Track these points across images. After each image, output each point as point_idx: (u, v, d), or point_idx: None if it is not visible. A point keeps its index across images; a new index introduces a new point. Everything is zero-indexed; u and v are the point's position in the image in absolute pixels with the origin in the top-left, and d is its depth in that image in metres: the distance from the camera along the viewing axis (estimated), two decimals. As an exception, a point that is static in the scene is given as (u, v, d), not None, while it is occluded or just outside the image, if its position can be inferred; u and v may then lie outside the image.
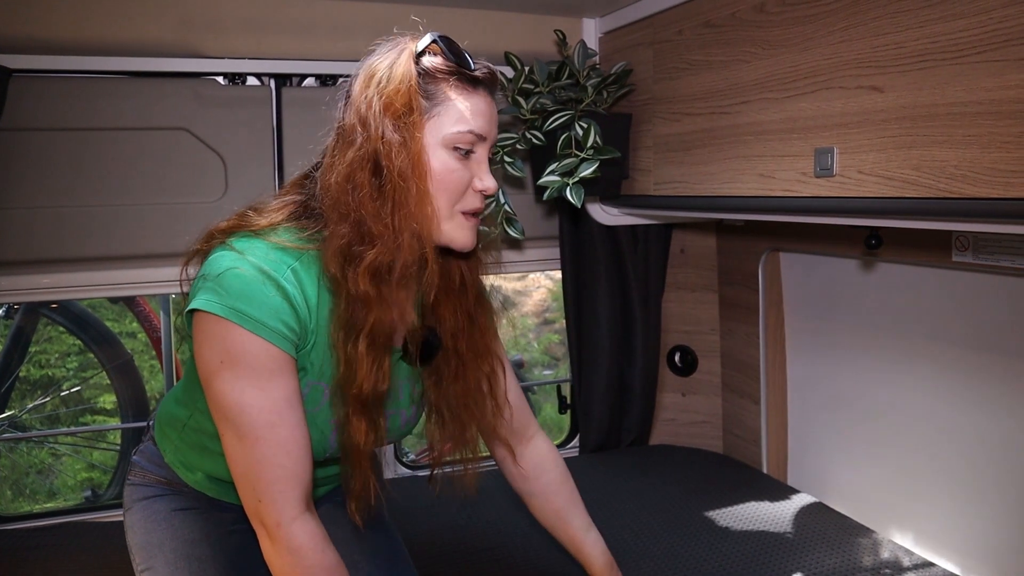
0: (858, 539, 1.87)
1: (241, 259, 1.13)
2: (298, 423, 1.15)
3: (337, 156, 1.16)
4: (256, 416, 1.11)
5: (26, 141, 1.91)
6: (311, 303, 1.17)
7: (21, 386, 3.56)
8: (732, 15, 1.69)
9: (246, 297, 1.10)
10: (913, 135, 1.28)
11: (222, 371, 1.11)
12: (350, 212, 1.14)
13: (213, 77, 2.05)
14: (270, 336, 1.11)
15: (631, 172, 2.10)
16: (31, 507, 3.56)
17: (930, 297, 1.87)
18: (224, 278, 1.11)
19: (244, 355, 1.11)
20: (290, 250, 1.17)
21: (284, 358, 1.14)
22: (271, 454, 1.12)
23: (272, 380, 1.12)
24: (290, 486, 1.14)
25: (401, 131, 1.12)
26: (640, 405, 2.53)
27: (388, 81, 1.13)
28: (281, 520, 1.13)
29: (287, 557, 1.14)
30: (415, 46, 1.19)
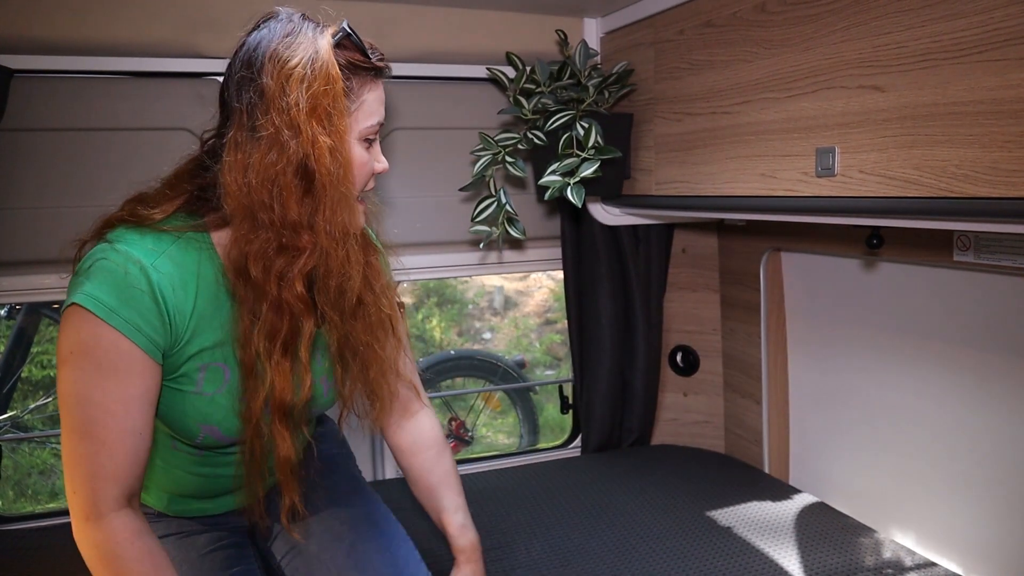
0: (860, 539, 1.87)
1: (111, 250, 1.11)
2: (130, 430, 1.11)
3: (252, 156, 1.10)
4: (89, 411, 1.09)
5: (28, 141, 1.91)
6: (188, 296, 1.15)
7: (23, 387, 3.57)
8: (733, 15, 1.69)
9: (107, 286, 1.08)
10: (914, 135, 1.28)
11: (70, 360, 1.09)
12: (274, 218, 1.11)
13: (214, 77, 2.05)
14: (129, 332, 1.09)
15: (632, 172, 2.10)
16: (33, 507, 3.56)
17: (931, 297, 1.87)
18: (92, 270, 1.09)
19: (94, 348, 1.08)
20: (168, 234, 1.15)
21: (138, 357, 1.10)
22: (94, 451, 1.10)
23: (116, 378, 1.09)
24: (107, 485, 1.11)
25: (330, 133, 1.11)
26: (642, 405, 2.53)
27: (314, 80, 1.09)
28: (91, 515, 1.12)
29: (95, 549, 1.13)
30: (330, 39, 1.14)
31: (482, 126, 2.15)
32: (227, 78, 1.16)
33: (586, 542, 1.89)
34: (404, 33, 2.09)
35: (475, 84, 2.23)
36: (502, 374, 3.96)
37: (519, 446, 4.02)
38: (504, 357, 4.16)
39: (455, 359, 3.97)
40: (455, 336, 5.05)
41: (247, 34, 1.16)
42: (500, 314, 5.35)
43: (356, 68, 1.15)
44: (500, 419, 4.35)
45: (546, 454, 2.63)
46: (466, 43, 2.14)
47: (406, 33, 2.09)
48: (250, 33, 1.15)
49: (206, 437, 1.25)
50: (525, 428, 4.01)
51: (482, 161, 1.97)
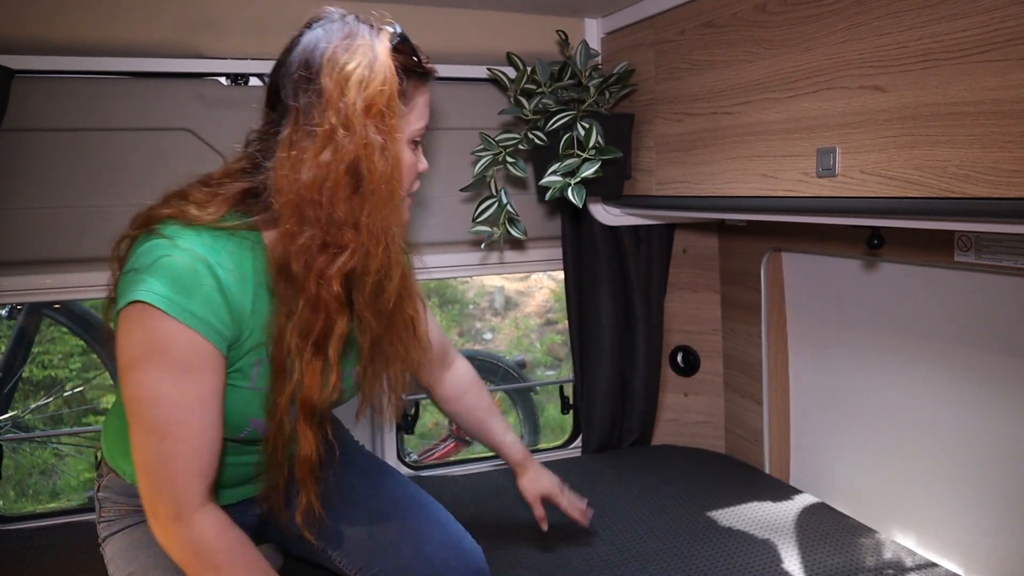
0: (860, 539, 1.87)
1: (173, 247, 1.11)
2: (209, 423, 1.13)
3: (306, 153, 1.12)
4: (168, 411, 1.10)
5: (29, 142, 1.91)
6: (247, 292, 1.17)
7: (24, 387, 3.57)
8: (734, 15, 1.69)
9: (179, 286, 1.08)
10: (915, 135, 1.28)
11: (142, 362, 1.09)
12: (321, 214, 1.12)
13: (216, 78, 2.05)
14: (203, 329, 1.10)
15: (633, 172, 2.10)
16: (34, 507, 3.56)
17: (932, 297, 1.87)
18: (156, 267, 1.09)
19: (169, 347, 1.08)
20: (224, 232, 1.17)
21: (211, 353, 1.12)
22: (177, 451, 1.11)
23: (191, 375, 1.11)
24: (191, 483, 1.12)
25: (383, 133, 1.13)
26: (642, 405, 2.53)
27: (370, 82, 1.12)
28: (181, 513, 1.12)
29: (187, 546, 1.14)
30: (387, 43, 1.17)
31: (483, 126, 2.15)
32: (280, 77, 1.18)
33: (586, 542, 1.89)
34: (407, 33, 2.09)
35: (476, 84, 2.23)
36: (503, 374, 3.96)
37: (520, 446, 4.02)
38: (505, 357, 4.16)
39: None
40: (456, 336, 5.05)
41: (299, 34, 1.19)
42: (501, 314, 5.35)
43: (409, 72, 1.19)
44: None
45: (547, 454, 2.63)
46: (467, 43, 2.14)
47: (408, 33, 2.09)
48: (302, 33, 1.18)
49: (252, 431, 1.28)
50: (526, 428, 4.01)
51: (483, 161, 1.97)
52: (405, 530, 1.48)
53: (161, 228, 1.14)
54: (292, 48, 1.18)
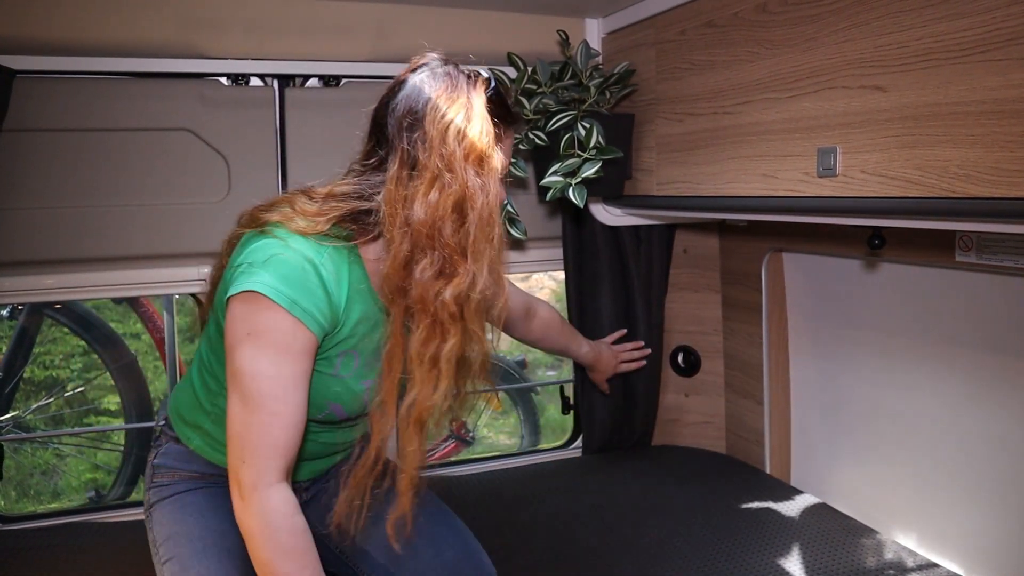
0: (861, 540, 1.87)
1: (286, 247, 1.26)
2: (298, 404, 1.25)
3: (414, 191, 1.26)
4: (264, 385, 1.21)
5: (30, 142, 1.91)
6: (343, 293, 1.31)
7: (25, 387, 3.57)
8: (735, 15, 1.69)
9: (288, 280, 1.23)
10: (916, 135, 1.28)
11: (247, 342, 1.22)
12: (434, 245, 1.27)
13: (216, 78, 2.06)
14: (303, 316, 1.23)
15: (634, 172, 2.10)
16: (35, 507, 3.57)
17: (933, 297, 1.87)
18: (270, 263, 1.24)
19: (271, 331, 1.22)
20: (326, 237, 1.30)
21: (308, 340, 1.25)
22: (267, 423, 1.21)
23: (288, 357, 1.23)
24: (275, 455, 1.22)
25: (482, 177, 1.28)
26: (643, 406, 2.53)
27: (468, 131, 1.27)
28: (258, 484, 1.21)
29: (259, 519, 1.21)
30: (483, 94, 1.32)
31: (483, 126, 2.15)
32: (387, 115, 1.32)
33: (587, 543, 1.89)
34: (405, 34, 2.10)
35: (476, 85, 2.23)
36: (503, 374, 3.96)
37: (520, 447, 4.02)
38: (505, 357, 4.15)
39: (457, 360, 3.96)
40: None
41: (403, 78, 1.34)
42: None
43: (499, 119, 1.33)
44: (501, 419, 4.35)
45: (547, 455, 2.63)
46: (467, 43, 2.14)
47: (407, 34, 2.10)
48: (407, 77, 1.33)
49: (329, 414, 1.41)
50: (526, 428, 4.01)
51: (483, 161, 1.97)
52: (425, 533, 1.53)
53: (272, 230, 1.29)
54: (397, 90, 1.33)
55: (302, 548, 1.24)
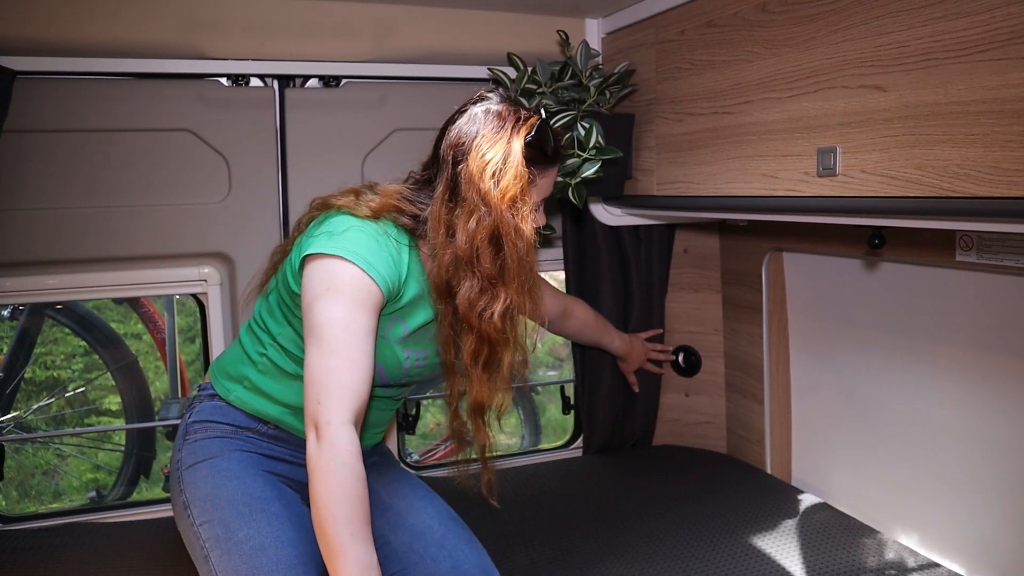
0: (862, 539, 1.87)
1: (363, 223, 1.44)
2: (367, 352, 1.36)
3: (457, 217, 1.43)
4: (339, 332, 1.33)
5: (31, 143, 1.92)
6: (403, 267, 1.48)
7: (26, 387, 3.57)
8: (735, 15, 1.69)
9: (364, 246, 1.39)
10: (916, 134, 1.28)
11: (325, 296, 1.36)
12: (474, 268, 1.43)
13: (217, 78, 2.06)
14: (376, 275, 1.38)
15: (634, 172, 2.10)
16: (36, 508, 3.57)
17: (934, 297, 1.87)
18: (348, 233, 1.41)
19: (347, 286, 1.36)
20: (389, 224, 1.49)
21: (378, 297, 1.40)
22: (340, 365, 1.32)
23: (362, 310, 1.37)
24: (348, 396, 1.31)
25: (517, 216, 1.42)
26: (644, 406, 2.53)
27: (504, 173, 1.41)
28: (332, 420, 1.29)
29: (328, 451, 1.28)
30: (523, 140, 1.45)
31: (484, 126, 2.15)
32: (443, 139, 1.51)
33: (588, 543, 1.89)
34: (406, 34, 2.10)
35: (477, 85, 2.22)
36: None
37: (521, 446, 4.01)
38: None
39: (457, 360, 3.96)
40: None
41: (465, 106, 1.51)
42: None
43: (538, 162, 1.48)
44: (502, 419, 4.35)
45: (548, 454, 2.63)
46: (467, 44, 2.15)
47: (408, 34, 2.10)
48: (467, 107, 1.50)
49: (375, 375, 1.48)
50: (527, 428, 4.01)
51: (484, 162, 1.97)
52: (445, 547, 1.58)
53: (345, 210, 1.47)
54: (456, 117, 1.50)
55: (358, 494, 1.28)
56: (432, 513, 1.66)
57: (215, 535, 1.42)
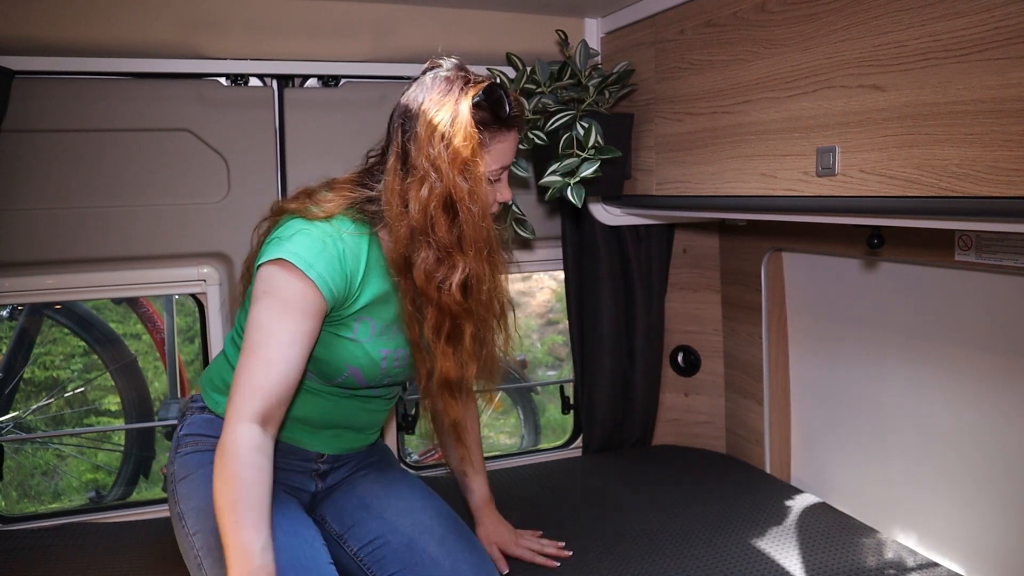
0: (862, 539, 1.87)
1: (311, 225, 1.41)
2: (291, 358, 1.34)
3: (408, 187, 1.40)
4: (261, 335, 1.33)
5: (29, 143, 1.91)
6: (360, 267, 1.45)
7: (25, 387, 3.57)
8: (734, 14, 1.69)
9: (307, 248, 1.37)
10: (915, 134, 1.28)
11: (260, 299, 1.36)
12: (430, 240, 1.39)
13: (216, 78, 2.06)
14: (317, 279, 1.36)
15: (633, 172, 2.10)
16: (35, 508, 3.57)
17: (933, 296, 1.87)
18: (295, 237, 1.38)
19: (284, 290, 1.35)
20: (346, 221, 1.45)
21: (317, 302, 1.37)
22: (254, 366, 1.32)
23: (292, 315, 1.35)
24: (255, 395, 1.30)
25: (469, 179, 1.38)
26: (643, 405, 2.53)
27: (453, 135, 1.37)
28: (232, 417, 1.29)
29: (221, 446, 1.28)
30: (470, 101, 1.39)
31: (483, 126, 2.15)
32: (394, 111, 1.46)
33: (587, 542, 1.89)
34: (404, 34, 2.10)
35: (476, 84, 2.23)
36: (503, 374, 3.95)
37: (521, 446, 4.02)
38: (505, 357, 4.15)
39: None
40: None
41: (417, 77, 1.47)
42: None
43: (487, 125, 1.42)
44: (502, 419, 4.35)
45: (548, 454, 2.63)
46: (466, 43, 2.14)
47: (406, 34, 2.10)
48: (418, 77, 1.46)
49: (348, 378, 1.53)
50: (527, 428, 4.01)
51: (484, 162, 1.97)
52: (445, 545, 1.57)
53: (296, 215, 1.44)
54: (407, 89, 1.46)
55: (246, 483, 1.26)
56: (431, 513, 1.65)
57: (207, 544, 1.43)
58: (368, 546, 1.60)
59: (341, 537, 1.64)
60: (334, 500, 1.70)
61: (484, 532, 1.84)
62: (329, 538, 1.63)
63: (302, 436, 1.64)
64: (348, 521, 1.65)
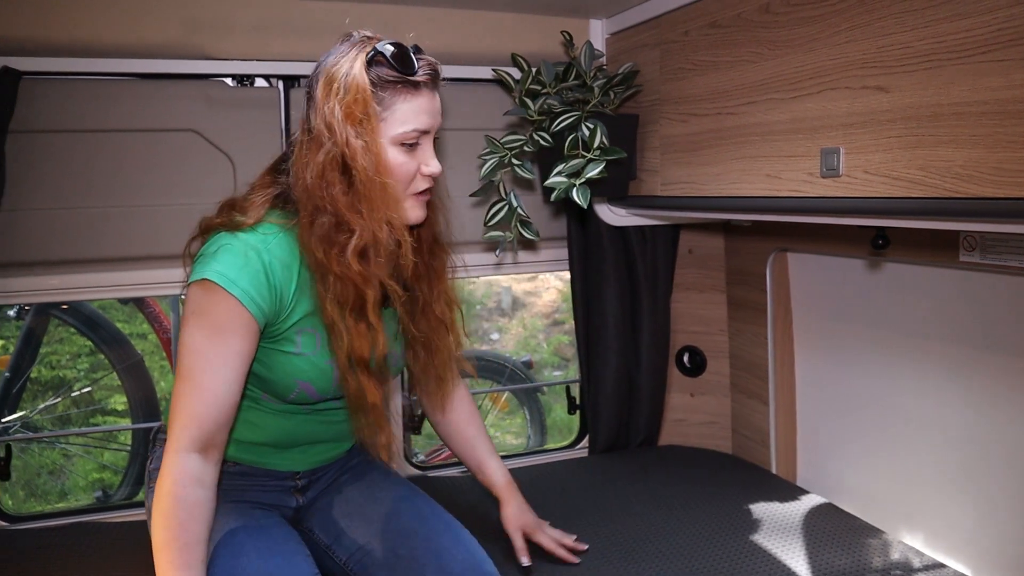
0: (868, 540, 1.87)
1: (234, 238, 1.35)
2: (225, 380, 1.31)
3: (308, 155, 1.35)
4: (193, 359, 1.30)
5: (36, 143, 1.92)
6: (292, 276, 1.38)
7: (32, 387, 3.59)
8: (738, 16, 1.69)
9: (231, 264, 1.31)
10: (919, 135, 1.28)
11: (191, 320, 1.31)
12: (327, 205, 1.34)
13: (222, 79, 2.06)
14: (242, 296, 1.30)
15: (638, 173, 2.10)
16: (43, 507, 3.58)
17: (938, 297, 1.86)
18: (217, 253, 1.32)
19: (211, 310, 1.30)
20: (274, 227, 1.39)
21: (246, 320, 1.32)
22: (188, 393, 1.29)
23: (223, 336, 1.31)
24: (191, 424, 1.28)
25: (362, 136, 1.32)
26: (649, 406, 2.53)
27: (345, 91, 1.32)
28: (170, 448, 1.28)
29: (160, 479, 1.27)
30: (364, 58, 1.35)
31: (488, 127, 2.15)
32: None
33: (593, 542, 1.89)
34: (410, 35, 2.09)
35: (481, 85, 2.24)
36: (509, 375, 3.97)
37: (527, 446, 4.03)
38: (511, 358, 4.16)
39: (463, 359, 3.97)
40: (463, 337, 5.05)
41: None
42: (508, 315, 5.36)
43: (387, 82, 1.35)
44: (508, 419, 4.36)
45: (554, 454, 2.63)
46: (471, 44, 2.15)
47: (412, 35, 2.09)
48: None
49: (300, 393, 1.46)
50: (533, 428, 4.02)
51: (489, 164, 1.97)
52: (431, 547, 1.53)
53: (221, 229, 1.38)
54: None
55: (183, 519, 1.25)
56: (413, 515, 1.60)
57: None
58: (355, 555, 1.57)
59: (329, 548, 1.60)
60: (319, 509, 1.67)
61: (510, 514, 1.78)
62: (317, 549, 1.60)
63: (271, 458, 1.60)
64: (334, 531, 1.62)
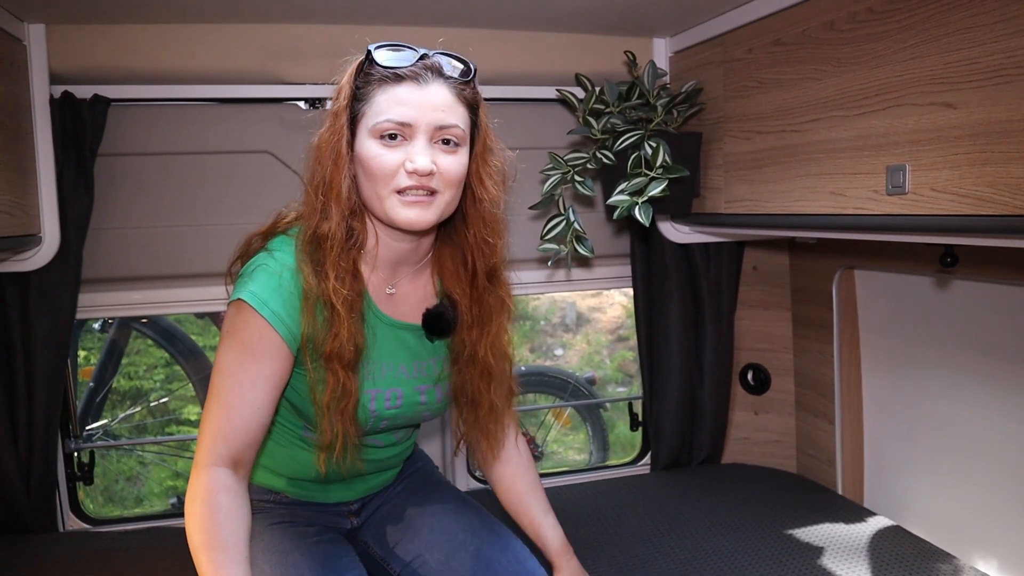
0: (938, 564, 1.83)
1: (270, 257, 1.35)
2: (252, 401, 1.29)
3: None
4: (222, 378, 1.29)
5: (122, 166, 2.03)
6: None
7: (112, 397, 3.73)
8: (802, 33, 1.69)
9: (265, 287, 1.31)
10: (987, 152, 1.27)
11: (224, 340, 1.32)
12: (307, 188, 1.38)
13: (295, 102, 2.14)
14: (274, 322, 1.29)
15: (702, 190, 2.10)
16: (121, 512, 3.71)
17: (1009, 315, 1.82)
18: (254, 273, 1.33)
19: (243, 331, 1.30)
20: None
21: (276, 343, 1.31)
22: (216, 410, 1.28)
23: (253, 357, 1.30)
24: (218, 440, 1.27)
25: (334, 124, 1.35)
26: (712, 423, 2.52)
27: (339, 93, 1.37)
28: (198, 463, 1.26)
29: (190, 490, 1.25)
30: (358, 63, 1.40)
31: (552, 146, 2.18)
32: None
33: (654, 560, 1.89)
34: (477, 56, 2.12)
35: (545, 105, 2.27)
36: (572, 390, 3.97)
37: (589, 462, 4.02)
38: (575, 374, 4.17)
39: (526, 375, 4.00)
40: (527, 352, 5.07)
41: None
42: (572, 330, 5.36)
43: (370, 78, 1.36)
44: (571, 435, 4.36)
45: (616, 471, 2.63)
46: (536, 65, 2.18)
47: (479, 56, 2.12)
48: None
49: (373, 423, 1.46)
50: (595, 444, 4.01)
51: (551, 180, 2.00)
52: (480, 559, 1.54)
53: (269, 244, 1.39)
54: None
55: (219, 521, 1.23)
56: (464, 527, 1.60)
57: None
58: (409, 567, 1.58)
59: (384, 559, 1.62)
60: (374, 522, 1.68)
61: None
62: (372, 561, 1.62)
63: (317, 493, 1.61)
64: (388, 543, 1.63)
